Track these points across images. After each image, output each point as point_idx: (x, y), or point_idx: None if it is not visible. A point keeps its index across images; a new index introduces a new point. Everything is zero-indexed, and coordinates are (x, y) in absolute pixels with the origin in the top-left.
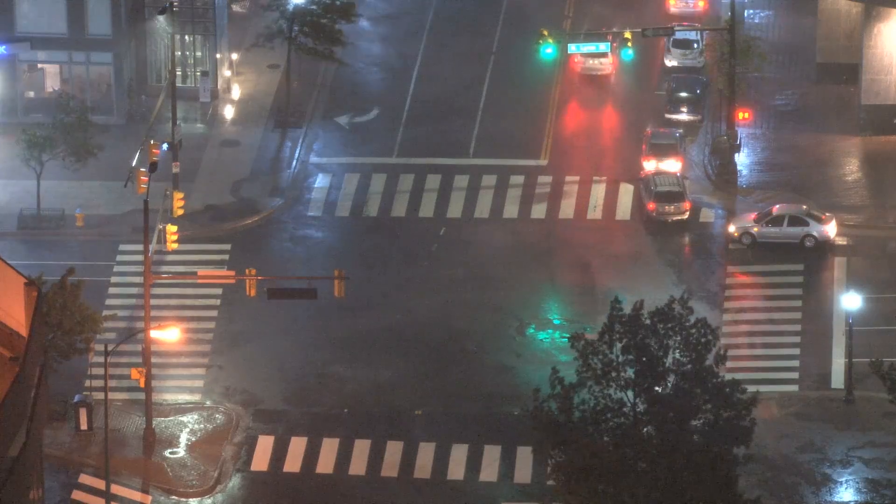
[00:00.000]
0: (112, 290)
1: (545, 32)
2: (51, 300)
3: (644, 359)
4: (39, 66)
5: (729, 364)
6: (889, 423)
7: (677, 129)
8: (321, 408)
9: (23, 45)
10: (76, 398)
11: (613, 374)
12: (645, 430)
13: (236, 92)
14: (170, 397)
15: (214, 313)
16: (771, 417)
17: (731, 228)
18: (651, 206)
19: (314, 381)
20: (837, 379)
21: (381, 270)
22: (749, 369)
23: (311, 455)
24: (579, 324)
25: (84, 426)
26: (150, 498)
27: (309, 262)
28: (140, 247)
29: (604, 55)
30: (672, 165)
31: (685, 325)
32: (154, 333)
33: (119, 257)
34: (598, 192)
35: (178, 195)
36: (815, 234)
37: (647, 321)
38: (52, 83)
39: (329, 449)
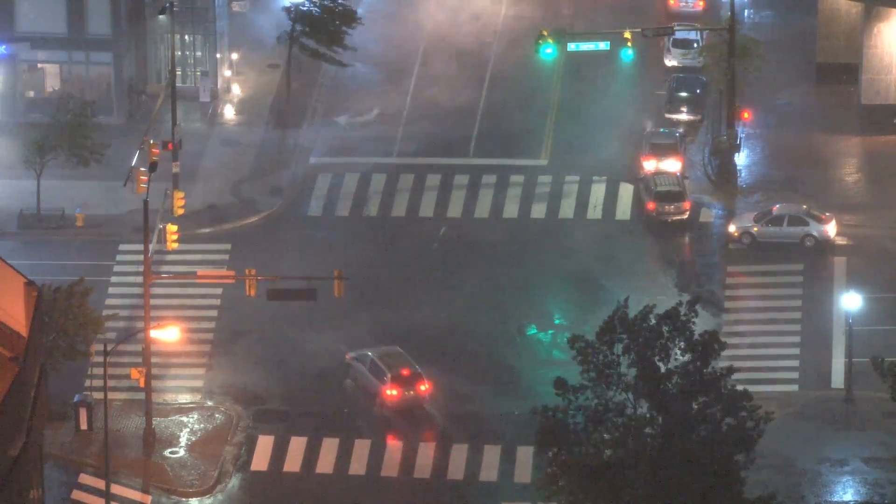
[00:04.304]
0: (112, 290)
1: (545, 32)
2: (56, 305)
3: (646, 360)
4: (39, 65)
5: (729, 363)
6: (889, 423)
7: (677, 129)
8: (321, 408)
9: (23, 45)
10: (76, 398)
11: (614, 376)
12: (647, 430)
13: (236, 92)
14: (170, 397)
15: (214, 313)
16: (771, 417)
17: (731, 228)
18: (651, 206)
19: (314, 381)
20: (837, 379)
21: (380, 270)
22: (749, 369)
23: (311, 455)
24: (579, 324)
25: (84, 426)
26: (150, 498)
27: (309, 262)
28: (140, 247)
29: None
30: (672, 165)
31: (690, 328)
32: (154, 333)
33: (119, 257)
34: (598, 192)
35: (179, 195)
36: (815, 234)
37: (653, 322)
38: (52, 83)
39: (329, 449)
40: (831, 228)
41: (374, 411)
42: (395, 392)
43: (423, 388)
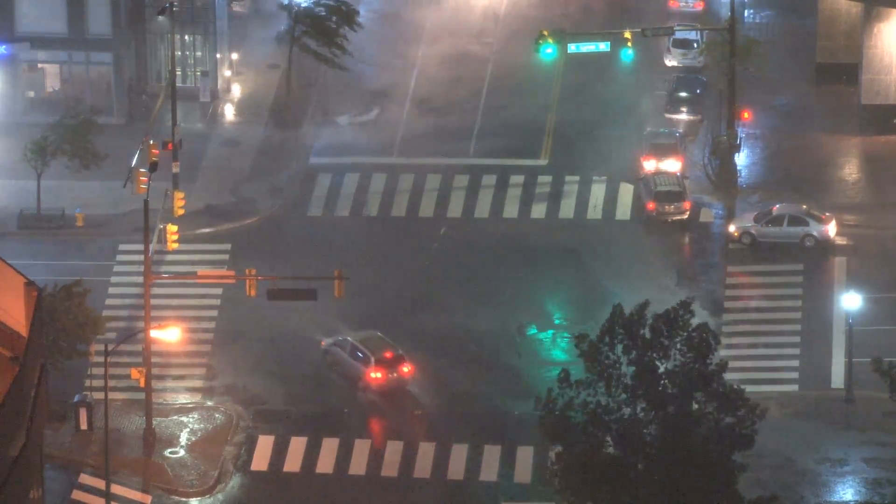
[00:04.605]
0: (112, 290)
1: (545, 32)
2: (56, 305)
3: (644, 360)
4: (39, 66)
5: (729, 363)
6: (889, 423)
7: (677, 129)
8: (321, 408)
9: (23, 45)
10: (76, 398)
11: (615, 375)
12: (646, 430)
13: (236, 92)
14: (170, 397)
15: (214, 313)
16: (771, 417)
17: (731, 228)
18: (651, 205)
19: (314, 381)
20: (837, 379)
21: (380, 271)
22: (749, 369)
23: (311, 455)
24: (579, 324)
25: (84, 426)
26: (150, 498)
27: (309, 261)
28: (140, 247)
29: None
30: (672, 165)
31: (687, 327)
32: (154, 333)
33: (119, 257)
34: (598, 192)
35: (179, 195)
36: (815, 234)
37: (650, 322)
38: (52, 83)
39: (329, 449)
40: (831, 228)
41: (358, 395)
42: (379, 375)
43: (405, 369)
